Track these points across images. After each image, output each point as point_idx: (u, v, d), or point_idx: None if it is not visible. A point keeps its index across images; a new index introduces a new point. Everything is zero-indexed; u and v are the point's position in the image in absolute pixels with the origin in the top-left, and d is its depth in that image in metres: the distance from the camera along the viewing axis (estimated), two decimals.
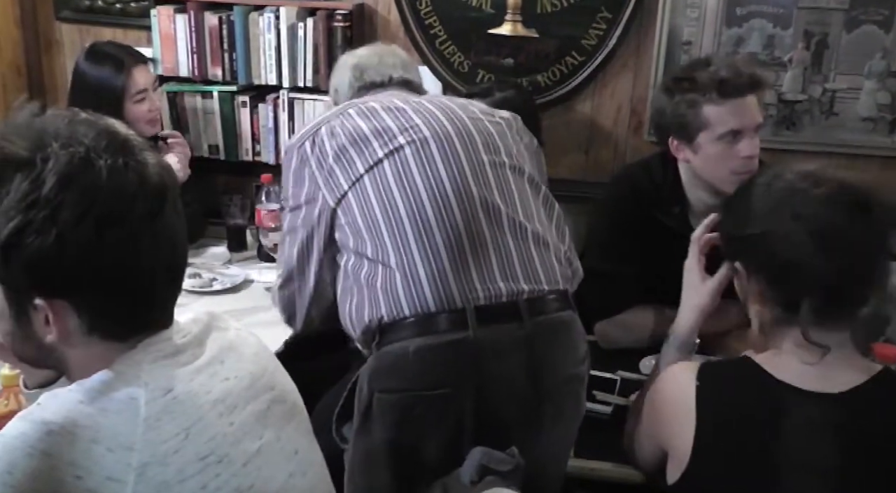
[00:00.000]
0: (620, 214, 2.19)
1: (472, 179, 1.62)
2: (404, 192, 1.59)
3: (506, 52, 2.83)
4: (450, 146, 1.63)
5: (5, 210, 0.95)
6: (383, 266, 1.56)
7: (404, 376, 1.52)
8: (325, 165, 1.64)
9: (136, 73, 2.60)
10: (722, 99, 1.96)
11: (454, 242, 1.56)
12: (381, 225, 1.57)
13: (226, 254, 2.73)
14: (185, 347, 1.07)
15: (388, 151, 1.62)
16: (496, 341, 1.53)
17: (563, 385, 1.62)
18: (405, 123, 1.65)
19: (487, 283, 1.55)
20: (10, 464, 0.92)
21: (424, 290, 1.53)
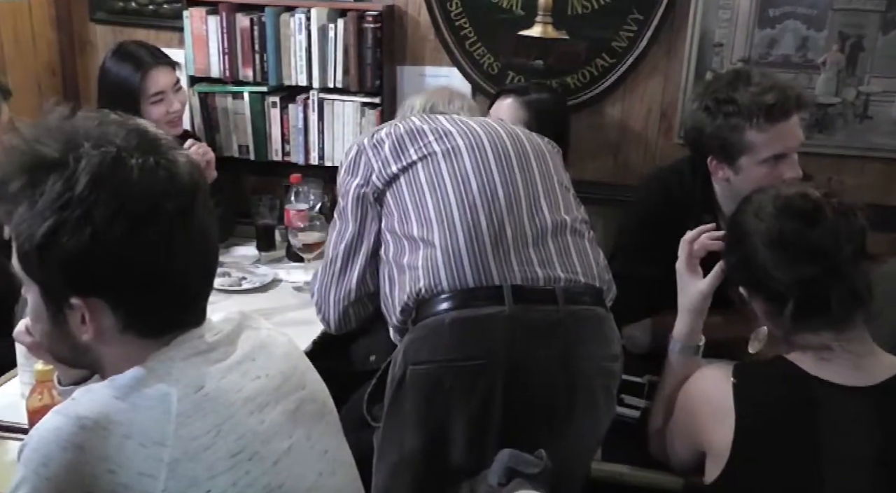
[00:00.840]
0: (650, 218, 2.18)
1: (519, 174, 1.69)
2: (455, 178, 1.65)
3: (535, 53, 2.83)
4: (501, 144, 1.73)
5: (40, 211, 0.97)
6: (425, 245, 1.60)
7: (438, 347, 1.55)
8: (380, 153, 1.71)
9: (155, 75, 2.61)
10: (768, 124, 1.93)
11: (497, 227, 1.61)
12: (428, 205, 1.63)
13: (255, 253, 2.75)
14: (217, 345, 1.08)
15: (442, 145, 1.70)
16: (531, 319, 1.56)
17: (596, 377, 1.63)
18: (462, 126, 1.75)
19: (525, 266, 1.59)
20: (46, 456, 0.94)
21: (464, 266, 1.57)
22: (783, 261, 1.47)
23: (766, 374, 1.51)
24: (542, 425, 1.56)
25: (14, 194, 0.99)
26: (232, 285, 2.46)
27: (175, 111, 2.65)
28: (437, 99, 2.04)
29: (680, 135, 2.78)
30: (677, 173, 2.22)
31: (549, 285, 1.59)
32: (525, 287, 1.57)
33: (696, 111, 2.06)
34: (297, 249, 2.50)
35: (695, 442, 1.56)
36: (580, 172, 2.76)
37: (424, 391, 1.55)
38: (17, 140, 1.01)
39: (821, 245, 1.45)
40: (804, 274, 1.45)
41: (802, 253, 1.45)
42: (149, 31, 3.06)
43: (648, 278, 2.07)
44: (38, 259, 0.99)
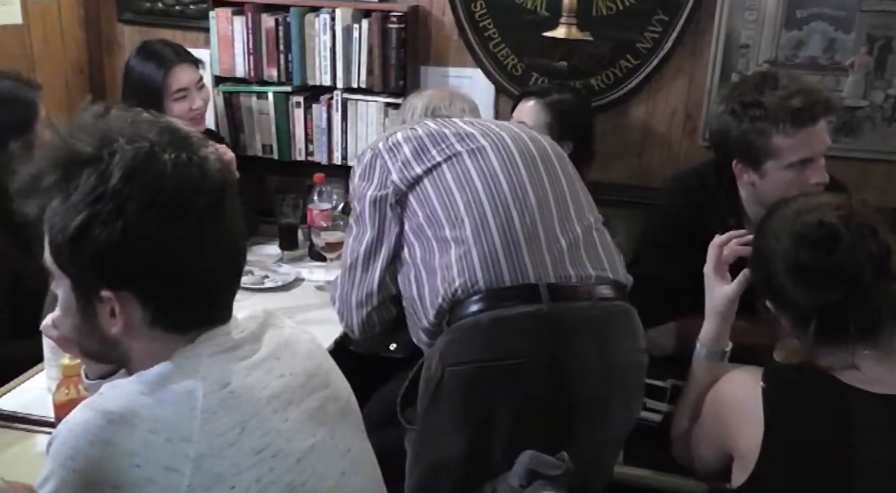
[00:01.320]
0: (674, 221, 2.17)
1: (545, 174, 1.71)
2: (484, 177, 1.66)
3: (560, 55, 2.82)
4: (524, 144, 1.74)
5: (74, 204, 0.98)
6: (457, 244, 1.60)
7: (477, 348, 1.55)
8: (398, 155, 1.71)
9: (178, 72, 2.63)
10: (794, 129, 1.92)
11: (529, 225, 1.62)
12: (458, 205, 1.63)
13: (277, 252, 2.76)
14: (243, 342, 1.09)
15: (466, 146, 1.71)
16: (567, 316, 1.56)
17: (629, 370, 1.65)
18: (483, 127, 1.76)
19: (557, 264, 1.60)
20: (74, 449, 0.95)
21: (501, 264, 1.57)
22: (803, 287, 1.47)
23: (796, 379, 1.50)
24: (582, 421, 1.57)
25: (48, 188, 1.01)
26: (255, 284, 2.47)
27: (197, 108, 2.67)
28: (439, 101, 2.04)
29: (704, 137, 2.77)
30: (701, 176, 2.20)
31: (580, 282, 1.60)
32: (559, 285, 1.58)
33: (721, 114, 2.05)
34: (320, 248, 2.51)
35: (722, 446, 1.55)
36: (603, 173, 2.76)
37: (463, 392, 1.55)
38: (53, 136, 1.03)
39: (840, 271, 1.44)
40: (825, 299, 1.45)
41: (821, 279, 1.45)
42: (175, 32, 3.09)
43: (671, 281, 2.06)
44: (71, 251, 1.00)
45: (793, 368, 1.55)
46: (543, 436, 1.46)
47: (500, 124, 1.81)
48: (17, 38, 2.85)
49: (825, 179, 1.96)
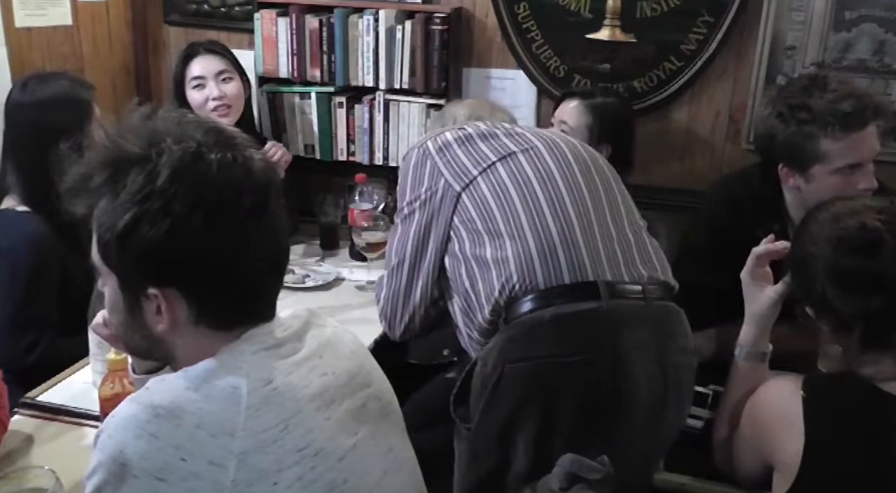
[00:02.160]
0: (717, 226, 2.15)
1: (597, 176, 1.72)
2: (540, 176, 1.66)
3: (602, 57, 2.81)
4: (573, 148, 1.76)
5: (122, 203, 1.00)
6: (513, 240, 1.60)
7: (539, 344, 1.54)
8: (448, 155, 1.71)
9: (197, 60, 2.66)
10: (843, 133, 1.89)
11: (585, 221, 1.62)
12: (515, 202, 1.63)
13: (318, 251, 2.78)
14: (286, 340, 1.09)
15: (519, 145, 1.71)
16: (626, 314, 1.56)
17: (683, 371, 1.64)
18: (533, 131, 1.77)
19: (612, 263, 1.60)
20: (121, 443, 0.97)
21: (560, 260, 1.57)
22: (844, 293, 1.45)
23: (837, 388, 1.48)
24: (638, 422, 1.56)
25: (97, 188, 1.03)
26: (296, 283, 2.49)
27: (214, 98, 2.65)
28: (481, 110, 2.06)
29: (748, 140, 2.74)
30: (746, 180, 2.18)
31: (634, 282, 1.60)
32: (615, 283, 1.57)
33: (767, 117, 2.02)
34: (361, 248, 2.52)
35: (762, 456, 1.53)
36: (645, 177, 2.74)
37: (525, 389, 1.54)
38: (102, 137, 1.05)
39: (883, 276, 1.41)
40: (868, 305, 1.43)
41: (865, 285, 1.43)
42: (220, 33, 3.12)
43: (713, 286, 2.04)
44: (118, 249, 1.02)
45: (833, 377, 1.54)
46: (599, 436, 1.48)
47: (544, 130, 1.82)
48: (67, 39, 2.91)
49: (873, 185, 1.93)
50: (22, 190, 2.15)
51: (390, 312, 1.80)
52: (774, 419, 1.50)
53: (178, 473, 0.96)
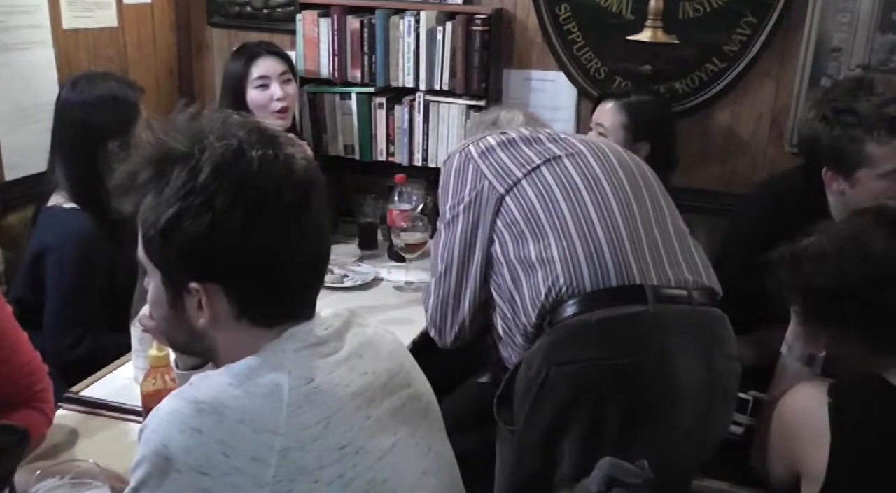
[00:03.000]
0: (759, 229, 2.12)
1: (641, 180, 1.71)
2: (586, 179, 1.66)
3: (644, 58, 2.79)
4: (616, 152, 1.76)
5: (165, 199, 1.02)
6: (559, 242, 1.59)
7: (585, 347, 1.54)
8: (491, 158, 1.71)
9: (261, 61, 2.69)
10: (890, 137, 1.86)
11: (631, 225, 1.62)
12: (561, 206, 1.63)
13: (357, 251, 2.79)
14: (327, 339, 1.10)
15: (564, 149, 1.71)
16: (673, 318, 1.55)
17: (729, 376, 1.63)
18: (575, 136, 1.78)
19: (658, 267, 1.59)
20: (166, 438, 0.98)
21: (607, 262, 1.57)
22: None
23: (863, 393, 1.46)
24: (685, 424, 1.55)
25: (143, 185, 1.05)
26: (334, 282, 2.50)
27: (279, 99, 2.69)
28: (512, 121, 2.08)
29: (792, 143, 2.70)
30: (788, 184, 2.15)
31: (680, 286, 1.59)
32: (661, 287, 1.57)
33: (812, 120, 1.99)
34: (400, 248, 2.52)
35: (791, 464, 1.51)
36: (686, 179, 2.72)
37: (570, 392, 1.54)
38: (148, 136, 1.07)
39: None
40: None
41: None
42: (262, 34, 3.15)
43: (755, 290, 2.02)
44: (161, 244, 1.04)
45: (859, 381, 1.50)
46: (643, 441, 1.47)
47: (588, 137, 1.84)
48: (113, 41, 2.96)
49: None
50: (70, 187, 2.19)
51: (440, 319, 1.79)
52: (801, 425, 1.48)
53: (220, 468, 0.97)
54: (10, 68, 2.49)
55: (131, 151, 1.83)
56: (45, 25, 2.64)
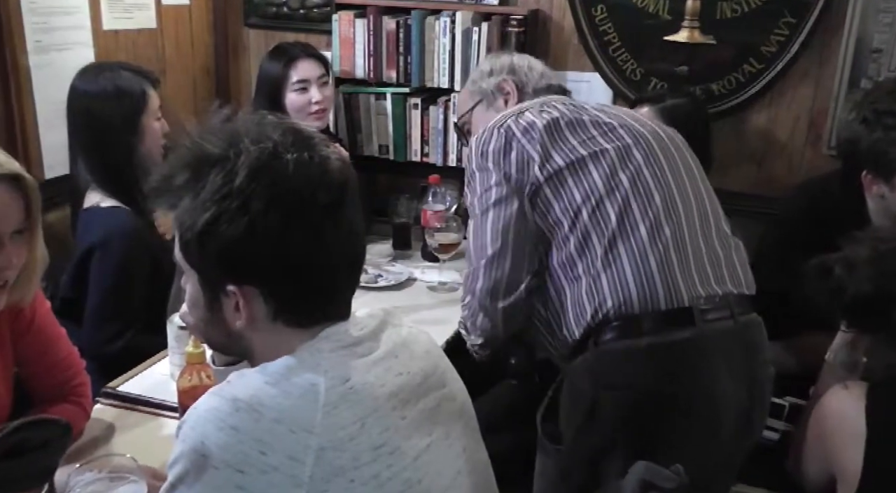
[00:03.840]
0: (796, 232, 2.10)
1: (688, 181, 1.65)
2: (635, 186, 1.59)
3: (680, 59, 2.77)
4: (663, 145, 1.68)
5: (202, 202, 1.03)
6: (606, 258, 1.55)
7: (635, 374, 1.52)
8: (535, 138, 1.64)
9: (300, 64, 2.72)
10: None
11: (679, 242, 1.57)
12: (609, 214, 1.56)
13: (390, 251, 2.80)
14: (362, 339, 1.11)
15: (611, 142, 1.63)
16: (719, 337, 1.54)
17: (766, 382, 1.63)
18: (619, 120, 1.68)
19: (704, 283, 1.56)
20: (203, 434, 0.99)
21: (656, 285, 1.53)
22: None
23: None
24: (729, 439, 1.54)
25: (179, 187, 1.06)
26: (368, 282, 2.51)
27: (317, 102, 2.72)
28: (534, 66, 2.02)
29: (830, 146, 2.67)
30: (826, 187, 2.13)
31: (725, 301, 1.56)
32: (708, 309, 1.54)
33: (851, 122, 1.97)
34: (433, 249, 2.53)
35: (826, 466, 1.50)
36: (721, 181, 2.67)
37: (620, 419, 1.52)
38: (184, 139, 1.08)
39: None
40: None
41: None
42: (298, 34, 3.17)
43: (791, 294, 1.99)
44: (199, 247, 1.05)
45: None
46: (689, 457, 1.40)
47: (629, 115, 1.73)
48: (152, 42, 3.00)
49: None
50: (97, 179, 2.22)
51: (492, 309, 1.68)
52: (837, 427, 1.47)
53: (257, 466, 0.97)
54: (50, 68, 2.54)
55: (139, 143, 1.87)
56: (85, 26, 2.68)
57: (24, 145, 2.49)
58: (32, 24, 2.48)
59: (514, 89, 1.96)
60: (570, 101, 1.78)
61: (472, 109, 2.05)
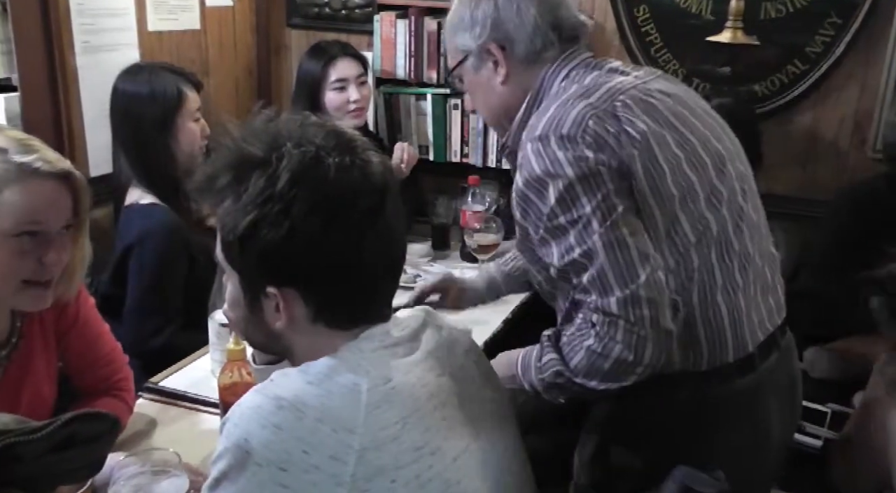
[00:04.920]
0: (841, 236, 2.07)
1: (751, 202, 1.47)
2: (715, 213, 1.38)
3: (723, 60, 2.74)
4: (732, 158, 1.48)
5: (244, 205, 1.04)
6: (702, 300, 1.36)
7: (698, 431, 1.41)
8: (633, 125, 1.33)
9: (339, 63, 2.74)
10: None
11: (743, 282, 1.40)
12: (691, 255, 1.35)
13: (429, 252, 2.80)
14: (403, 340, 1.11)
15: (699, 140, 1.40)
16: (770, 372, 1.44)
17: (800, 395, 1.58)
18: (701, 121, 1.45)
19: (761, 323, 1.44)
20: (247, 432, 1.00)
21: (727, 341, 1.38)
22: None
23: None
24: (774, 461, 1.49)
25: (222, 189, 1.07)
26: (407, 282, 2.50)
27: (355, 101, 2.74)
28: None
29: (876, 148, 2.62)
30: (872, 190, 2.10)
31: (775, 339, 1.46)
32: (762, 351, 1.43)
33: None
34: (472, 249, 2.53)
35: (882, 477, 1.47)
36: (764, 183, 2.62)
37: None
38: (227, 139, 1.09)
39: None
40: None
41: None
42: (339, 35, 3.18)
43: (835, 299, 1.97)
44: (240, 249, 1.06)
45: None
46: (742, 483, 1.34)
47: (694, 105, 1.48)
48: (195, 43, 3.03)
49: None
50: (137, 175, 2.26)
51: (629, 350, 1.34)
52: (890, 436, 1.43)
53: (299, 464, 0.98)
54: (97, 69, 2.58)
55: (173, 143, 1.86)
56: (131, 28, 2.72)
57: (70, 144, 2.53)
58: (81, 26, 2.53)
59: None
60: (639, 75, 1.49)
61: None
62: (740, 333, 1.39)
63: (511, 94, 1.49)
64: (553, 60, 1.47)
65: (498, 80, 1.49)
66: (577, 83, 1.42)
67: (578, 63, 1.47)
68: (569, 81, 1.44)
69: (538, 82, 1.47)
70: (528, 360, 1.44)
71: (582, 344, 1.32)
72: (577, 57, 1.48)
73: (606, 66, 1.47)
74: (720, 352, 1.38)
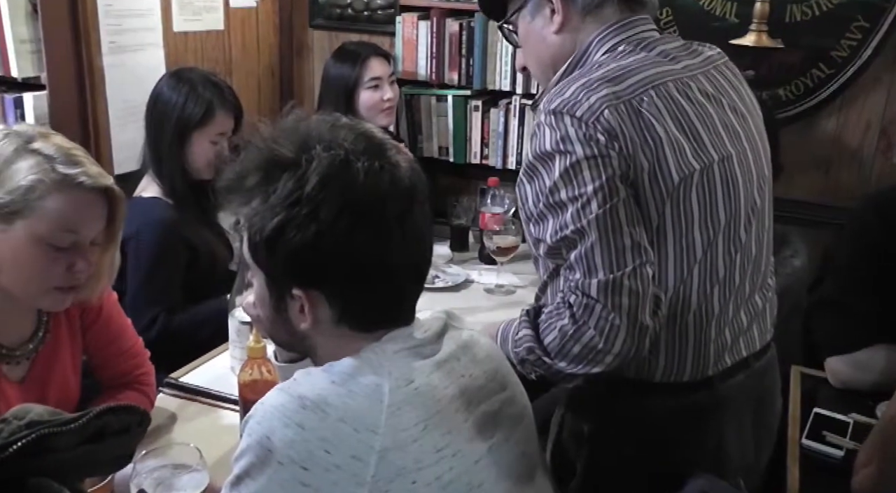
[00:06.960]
0: (865, 245, 2.04)
1: (754, 235, 1.44)
2: (729, 206, 1.37)
3: (747, 63, 2.71)
4: (759, 164, 1.46)
5: (272, 206, 1.04)
6: (671, 316, 1.36)
7: (641, 444, 1.42)
8: (643, 130, 1.29)
9: (373, 62, 2.78)
10: None
11: (723, 303, 1.39)
12: (696, 247, 1.35)
13: (448, 253, 2.80)
14: (425, 342, 1.11)
15: (720, 156, 1.36)
16: (731, 392, 1.43)
17: (776, 422, 1.58)
18: (727, 119, 1.41)
19: (734, 345, 1.43)
20: (269, 430, 1.01)
21: (686, 360, 1.38)
22: None
23: None
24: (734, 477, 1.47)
25: (250, 188, 1.07)
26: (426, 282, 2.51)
27: (388, 99, 2.80)
28: None
29: None
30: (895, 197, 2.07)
31: (744, 360, 1.45)
32: (727, 375, 1.42)
33: None
34: (491, 251, 2.52)
35: None
36: (786, 189, 2.63)
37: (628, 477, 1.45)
38: (257, 139, 1.09)
39: None
40: None
41: None
42: (361, 36, 3.21)
43: (857, 307, 1.95)
44: (267, 250, 1.06)
45: None
46: None
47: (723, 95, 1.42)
48: (219, 43, 3.05)
49: None
50: (154, 168, 2.33)
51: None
52: None
53: (321, 464, 0.98)
54: (123, 68, 2.60)
55: (188, 150, 1.85)
56: (157, 28, 2.74)
57: (95, 141, 2.56)
58: (107, 26, 2.55)
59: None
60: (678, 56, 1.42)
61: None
62: (703, 356, 1.38)
63: (561, 44, 1.45)
64: (607, 22, 1.41)
65: (552, 29, 1.45)
66: (616, 61, 1.36)
67: (631, 36, 1.41)
68: (611, 56, 1.39)
69: (585, 44, 1.42)
70: (507, 332, 1.45)
71: (556, 324, 1.31)
72: (633, 28, 1.42)
73: (658, 49, 1.40)
74: (676, 370, 1.38)
